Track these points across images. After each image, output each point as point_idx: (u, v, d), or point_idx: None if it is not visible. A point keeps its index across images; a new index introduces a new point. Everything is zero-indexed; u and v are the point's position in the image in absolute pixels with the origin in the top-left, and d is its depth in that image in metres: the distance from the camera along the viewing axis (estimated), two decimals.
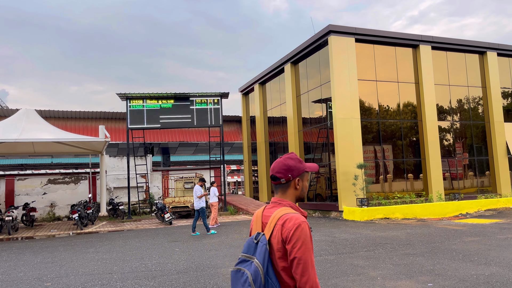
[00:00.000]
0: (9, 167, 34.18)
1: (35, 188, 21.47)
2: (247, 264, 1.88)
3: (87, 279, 6.84)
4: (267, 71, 22.70)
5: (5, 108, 32.82)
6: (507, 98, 20.68)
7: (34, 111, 17.70)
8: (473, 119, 19.80)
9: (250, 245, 1.94)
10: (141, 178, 22.89)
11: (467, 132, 19.67)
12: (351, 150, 16.52)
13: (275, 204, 2.05)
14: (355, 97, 16.93)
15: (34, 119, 16.88)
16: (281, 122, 21.77)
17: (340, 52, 16.91)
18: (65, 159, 31.79)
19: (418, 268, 6.72)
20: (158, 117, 19.92)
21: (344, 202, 16.11)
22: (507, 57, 20.65)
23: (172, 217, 16.48)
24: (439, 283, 5.78)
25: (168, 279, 6.62)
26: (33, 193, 21.31)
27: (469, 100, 19.81)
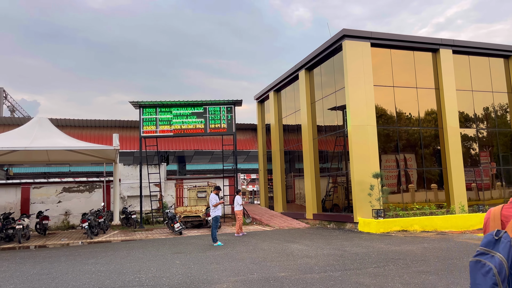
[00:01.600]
0: (32, 175, 34.83)
1: (50, 196, 21.60)
2: (488, 257, 2.04)
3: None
4: (282, 78, 22.30)
5: (26, 117, 33.56)
6: None
7: (47, 119, 17.81)
8: (499, 127, 18.79)
9: (489, 241, 2.09)
10: (155, 186, 22.74)
11: (493, 140, 18.67)
12: (367, 158, 15.86)
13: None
14: (370, 104, 16.30)
15: (47, 127, 16.96)
16: (296, 130, 21.28)
17: (355, 57, 16.36)
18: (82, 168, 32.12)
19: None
20: (171, 126, 19.77)
21: (359, 213, 15.42)
22: None
23: (182, 227, 16.15)
24: None
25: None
26: (48, 201, 21.44)
27: (494, 106, 18.83)
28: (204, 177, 25.56)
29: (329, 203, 18.67)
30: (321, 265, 8.28)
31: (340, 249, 10.43)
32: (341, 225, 16.76)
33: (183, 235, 15.93)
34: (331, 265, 8.25)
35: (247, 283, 6.89)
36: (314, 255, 9.68)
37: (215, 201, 12.37)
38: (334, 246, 11.14)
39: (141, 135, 19.63)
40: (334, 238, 13.12)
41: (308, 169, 19.37)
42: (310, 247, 11.02)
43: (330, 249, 10.58)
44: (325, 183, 18.90)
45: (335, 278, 7.03)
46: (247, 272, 7.87)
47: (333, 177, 18.42)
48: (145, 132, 19.67)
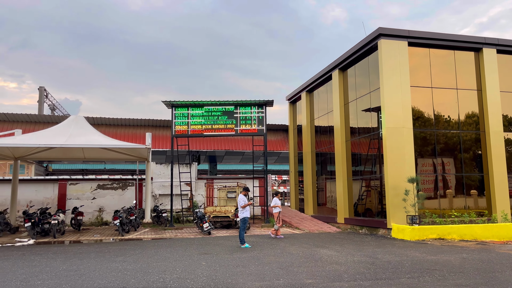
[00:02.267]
0: (71, 172, 36.05)
1: (85, 193, 22.18)
2: None
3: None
4: (314, 78, 21.90)
5: (66, 115, 34.77)
6: None
7: (83, 118, 18.26)
8: None
9: None
10: (186, 186, 22.89)
11: None
12: (402, 162, 15.24)
13: None
14: (407, 105, 15.66)
15: (82, 125, 17.38)
16: (328, 132, 20.81)
17: (391, 56, 15.77)
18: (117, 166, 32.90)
19: None
20: (202, 125, 19.82)
21: (393, 219, 14.83)
22: None
23: (211, 227, 16.11)
24: None
25: None
26: (83, 198, 22.03)
27: None
28: (235, 177, 25.52)
29: (361, 208, 18.11)
30: (350, 273, 7.92)
31: (371, 256, 9.99)
32: (373, 230, 16.20)
33: (212, 235, 15.89)
34: (361, 273, 7.87)
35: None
36: (344, 261, 9.31)
37: (244, 202, 12.21)
38: (365, 252, 10.70)
39: (173, 134, 19.79)
40: (365, 244, 12.64)
41: (340, 172, 18.89)
42: (340, 253, 10.64)
43: (361, 256, 10.17)
44: (358, 187, 18.35)
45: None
46: (272, 277, 7.63)
47: (366, 181, 17.85)
48: (177, 131, 19.82)
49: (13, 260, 10.07)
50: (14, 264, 9.43)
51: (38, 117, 25.70)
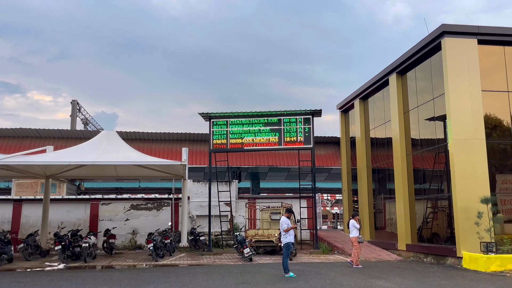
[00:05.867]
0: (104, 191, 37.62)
1: (118, 213, 23.04)
2: None
3: None
4: (369, 84, 21.60)
5: (99, 129, 36.48)
6: None
7: (115, 133, 19.11)
8: None
9: None
10: (226, 206, 23.17)
11: None
12: (473, 179, 14.60)
13: None
14: (478, 113, 15.05)
15: (115, 141, 18.18)
16: (386, 144, 20.36)
17: (457, 57, 15.29)
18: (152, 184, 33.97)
19: None
20: (242, 139, 20.07)
21: (464, 247, 14.16)
22: None
23: (252, 253, 16.15)
24: None
25: None
26: (116, 219, 22.89)
27: None
28: (279, 196, 25.53)
29: (426, 232, 17.45)
30: None
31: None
32: (440, 259, 15.53)
33: (253, 261, 15.92)
34: None
35: None
36: None
37: (287, 225, 12.15)
38: (430, 285, 10.28)
39: (211, 149, 20.19)
40: (430, 275, 12.14)
41: (401, 191, 18.35)
42: (399, 286, 10.29)
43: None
44: (422, 208, 17.73)
45: None
46: None
47: (432, 201, 17.21)
48: (215, 145, 20.20)
49: (41, 286, 10.62)
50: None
51: (70, 133, 27.17)
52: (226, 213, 22.98)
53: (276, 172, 30.19)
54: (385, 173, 20.76)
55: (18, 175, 21.00)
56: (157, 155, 25.46)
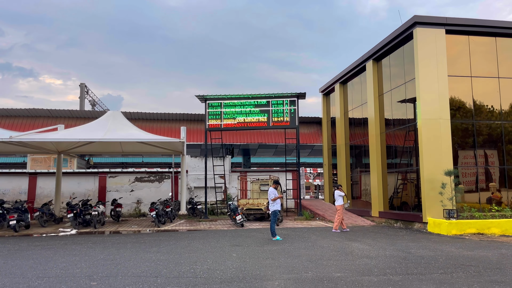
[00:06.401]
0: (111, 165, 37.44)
1: (124, 185, 22.99)
2: None
3: (132, 281, 6.77)
4: (348, 69, 21.51)
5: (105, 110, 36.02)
6: None
7: (120, 113, 18.87)
8: None
9: None
10: (220, 178, 23.22)
11: None
12: (439, 154, 14.76)
13: None
14: (444, 96, 15.11)
15: (119, 120, 17.97)
16: (363, 124, 20.43)
17: (427, 45, 15.24)
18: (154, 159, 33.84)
19: None
20: (235, 119, 19.99)
21: (429, 213, 14.42)
22: None
23: (244, 220, 16.29)
24: None
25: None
26: (122, 190, 22.85)
27: None
28: (268, 170, 25.61)
29: (397, 201, 17.71)
30: (381, 267, 7.81)
31: (404, 251, 9.79)
32: (408, 224, 15.82)
33: (244, 227, 16.07)
34: (392, 268, 7.74)
35: (300, 282, 6.69)
36: (375, 255, 9.18)
37: (274, 195, 12.26)
38: (399, 247, 10.49)
39: (206, 128, 20.10)
40: (399, 238, 12.39)
41: (375, 165, 18.53)
42: (372, 247, 10.49)
43: (393, 250, 9.98)
44: (393, 180, 17.94)
45: (394, 283, 6.56)
46: (301, 270, 7.65)
47: (402, 174, 17.42)
48: (210, 125, 20.11)
49: (55, 249, 10.65)
50: (56, 253, 9.96)
51: (79, 113, 26.80)
52: (220, 184, 23.06)
53: (265, 149, 30.21)
54: (361, 149, 20.89)
55: (32, 151, 20.77)
56: (158, 133, 25.29)
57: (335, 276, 7.11)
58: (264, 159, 36.46)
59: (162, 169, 24.37)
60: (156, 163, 34.51)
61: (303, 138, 27.53)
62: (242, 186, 23.76)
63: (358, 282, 6.66)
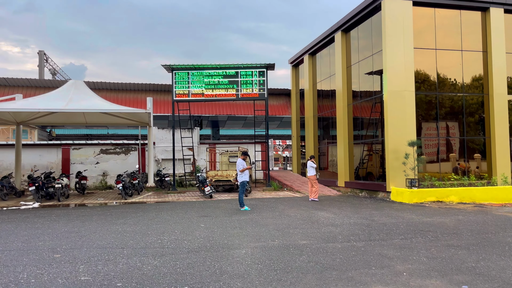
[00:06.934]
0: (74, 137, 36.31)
1: (89, 157, 22.42)
2: None
3: (97, 253, 6.69)
4: (317, 40, 21.45)
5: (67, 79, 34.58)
6: None
7: (83, 82, 18.17)
8: None
9: None
10: (188, 150, 23.04)
11: None
12: (403, 126, 15.16)
13: None
14: (409, 68, 15.39)
15: (82, 90, 17.31)
16: (331, 96, 20.62)
17: (394, 17, 15.34)
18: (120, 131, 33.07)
19: (457, 264, 5.75)
20: (203, 90, 19.68)
21: (393, 182, 14.93)
22: None
23: (212, 191, 16.33)
24: (477, 285, 4.83)
25: (174, 258, 6.26)
26: (86, 162, 22.30)
27: None
28: (237, 142, 25.59)
29: (362, 171, 18.21)
30: (345, 234, 8.07)
31: (368, 219, 10.14)
32: (373, 193, 16.36)
33: (213, 198, 16.14)
34: (355, 235, 8.01)
35: (267, 249, 6.81)
36: (340, 223, 9.46)
37: (242, 166, 12.30)
38: (362, 215, 10.85)
39: (174, 99, 19.71)
40: (363, 207, 12.81)
41: (342, 136, 18.86)
42: (337, 215, 10.80)
43: (357, 218, 10.32)
44: (359, 151, 18.38)
45: (357, 249, 6.80)
46: (268, 238, 7.79)
47: (368, 145, 17.85)
48: (177, 96, 19.72)
49: (17, 222, 10.33)
50: (17, 226, 9.68)
51: (39, 82, 25.60)
52: (189, 156, 22.90)
53: (234, 121, 30.08)
54: (329, 121, 21.16)
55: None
56: (124, 104, 24.61)
57: (301, 243, 7.29)
58: (233, 131, 36.40)
59: (129, 141, 23.89)
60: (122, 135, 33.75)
61: (272, 110, 27.56)
62: (211, 158, 23.70)
63: (323, 249, 6.85)
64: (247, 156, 13.08)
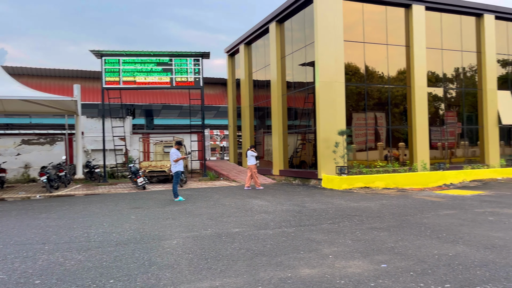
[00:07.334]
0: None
1: (8, 148, 20.75)
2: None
3: (14, 250, 6.23)
4: (253, 30, 21.53)
5: None
6: (504, 66, 19.76)
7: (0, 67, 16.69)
8: (466, 86, 18.96)
9: None
10: (120, 140, 22.18)
11: (460, 100, 18.89)
12: (334, 116, 15.76)
13: None
14: (339, 60, 15.97)
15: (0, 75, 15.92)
16: (266, 86, 20.86)
17: (325, 10, 15.79)
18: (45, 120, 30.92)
19: (378, 245, 6.13)
20: (135, 77, 18.95)
21: (324, 170, 15.52)
22: (506, 21, 19.54)
23: (146, 182, 15.90)
24: (395, 263, 5.18)
25: (101, 251, 6.02)
26: (6, 154, 20.62)
27: (463, 66, 18.88)
28: (172, 132, 25.09)
29: (296, 160, 18.71)
30: (277, 221, 8.26)
31: (299, 205, 10.46)
32: (305, 181, 16.90)
33: (147, 189, 15.73)
34: (287, 221, 8.23)
35: (198, 239, 6.78)
36: (273, 210, 9.67)
37: (176, 156, 12.09)
38: (295, 202, 11.18)
39: (103, 86, 18.79)
40: (296, 194, 13.19)
41: (276, 126, 19.21)
42: (270, 203, 11.02)
43: (290, 205, 10.61)
44: (293, 140, 18.84)
45: (287, 234, 6.99)
46: (201, 227, 7.75)
47: (302, 134, 18.35)
48: (107, 83, 18.81)
49: None
50: None
51: None
52: (121, 147, 22.06)
53: (169, 110, 29.40)
54: (265, 111, 21.43)
55: None
56: (48, 91, 23.01)
57: (233, 231, 7.34)
58: (169, 121, 35.59)
59: (54, 131, 22.43)
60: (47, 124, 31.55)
61: (209, 100, 27.32)
62: (145, 148, 23.03)
63: (255, 235, 6.96)
64: (181, 146, 12.88)
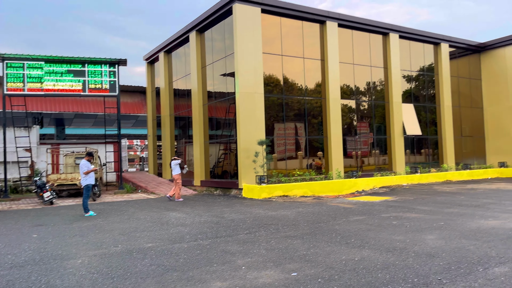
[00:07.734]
0: None
1: None
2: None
3: None
4: (173, 38, 21.19)
5: None
6: (408, 81, 21.64)
7: None
8: (375, 99, 20.40)
9: None
10: (26, 152, 20.36)
11: (370, 111, 20.25)
12: (254, 126, 16.00)
13: None
14: (259, 71, 16.31)
15: None
16: (187, 95, 20.58)
17: (245, 22, 16.07)
18: None
19: (291, 254, 6.24)
20: (42, 83, 17.58)
21: (244, 180, 15.63)
22: (408, 40, 21.47)
23: (53, 196, 14.72)
24: (305, 271, 5.30)
25: None
26: None
27: (373, 80, 20.32)
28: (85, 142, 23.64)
29: (218, 170, 18.63)
30: (193, 234, 8.08)
31: (218, 216, 10.37)
32: (227, 191, 16.87)
33: (54, 205, 14.58)
34: (203, 233, 8.09)
35: (106, 257, 6.37)
36: (190, 223, 9.46)
37: (86, 168, 11.36)
38: (214, 213, 11.06)
39: (5, 92, 17.18)
40: (216, 204, 13.08)
41: (197, 136, 18.99)
42: (188, 215, 10.78)
43: (208, 216, 10.46)
44: (216, 150, 18.76)
45: (203, 247, 6.85)
46: (111, 244, 7.31)
47: (224, 144, 18.34)
48: (9, 89, 17.23)
49: None
50: None
51: None
52: (26, 159, 20.25)
53: (82, 119, 27.68)
54: (186, 120, 21.11)
55: None
56: None
57: (146, 246, 7.03)
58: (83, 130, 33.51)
59: None
60: None
61: (127, 108, 26.24)
62: (54, 160, 21.39)
63: (168, 250, 6.72)
64: (92, 157, 12.14)
